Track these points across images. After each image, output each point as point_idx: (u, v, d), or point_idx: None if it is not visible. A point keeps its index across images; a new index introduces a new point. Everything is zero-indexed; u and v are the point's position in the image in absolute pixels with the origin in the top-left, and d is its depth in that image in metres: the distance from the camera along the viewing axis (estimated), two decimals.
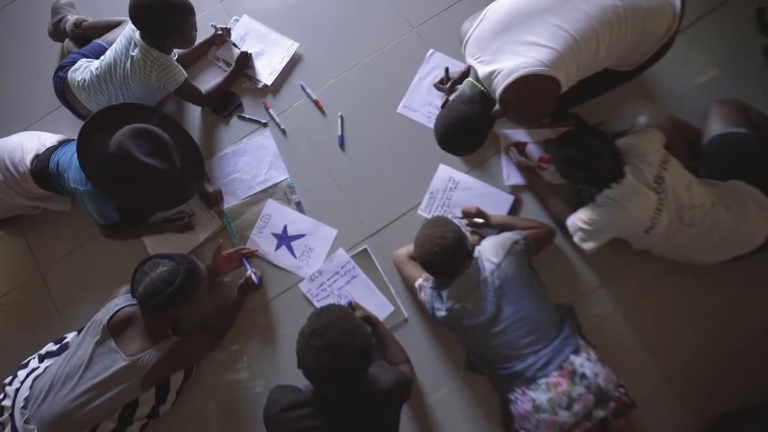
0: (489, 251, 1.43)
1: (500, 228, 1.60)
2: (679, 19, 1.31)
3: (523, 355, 1.32)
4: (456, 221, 1.51)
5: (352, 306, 1.61)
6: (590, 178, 1.39)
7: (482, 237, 1.63)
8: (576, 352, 1.31)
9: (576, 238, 1.49)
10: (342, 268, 1.75)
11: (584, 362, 1.29)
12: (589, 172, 1.37)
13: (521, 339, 1.33)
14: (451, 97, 1.52)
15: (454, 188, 1.77)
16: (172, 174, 1.59)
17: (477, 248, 1.47)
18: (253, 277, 1.69)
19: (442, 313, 1.43)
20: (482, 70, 1.35)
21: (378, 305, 1.70)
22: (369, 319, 1.60)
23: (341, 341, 1.15)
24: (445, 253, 1.37)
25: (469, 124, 1.44)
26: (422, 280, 1.53)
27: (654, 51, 1.34)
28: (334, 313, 1.21)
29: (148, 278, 1.42)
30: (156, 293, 1.40)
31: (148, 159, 1.53)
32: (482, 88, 1.43)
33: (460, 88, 1.50)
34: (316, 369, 1.16)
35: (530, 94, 1.29)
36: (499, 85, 1.29)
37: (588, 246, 1.46)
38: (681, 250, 1.45)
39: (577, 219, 1.47)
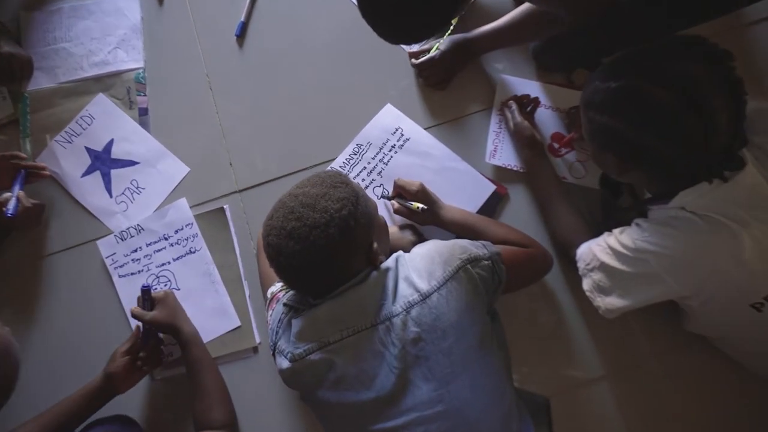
0: (417, 265, 0.69)
1: (456, 231, 0.88)
2: None
3: None
4: (384, 201, 0.80)
5: (153, 299, 0.87)
6: (671, 154, 0.62)
7: (420, 238, 0.91)
8: None
9: (587, 284, 0.77)
10: (176, 231, 1.01)
11: None
12: (673, 138, 0.61)
13: None
14: None
15: (400, 147, 1.03)
16: None
17: (396, 255, 0.73)
18: (10, 205, 0.95)
19: (283, 363, 0.69)
20: None
21: (215, 312, 0.97)
22: (177, 332, 0.86)
23: None
24: (307, 239, 0.63)
25: None
26: (278, 288, 0.80)
27: None
28: None
29: None
30: None
31: None
32: None
33: None
34: None
35: None
36: None
37: (607, 303, 0.74)
38: None
39: (600, 247, 0.74)
